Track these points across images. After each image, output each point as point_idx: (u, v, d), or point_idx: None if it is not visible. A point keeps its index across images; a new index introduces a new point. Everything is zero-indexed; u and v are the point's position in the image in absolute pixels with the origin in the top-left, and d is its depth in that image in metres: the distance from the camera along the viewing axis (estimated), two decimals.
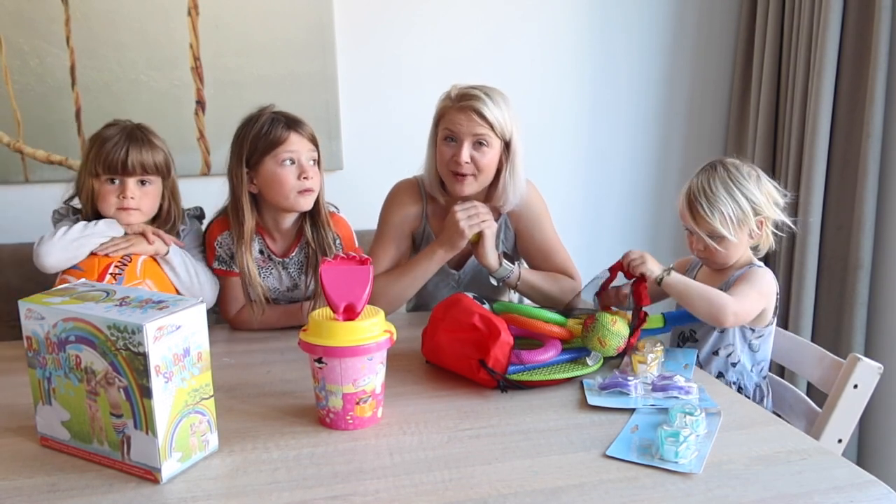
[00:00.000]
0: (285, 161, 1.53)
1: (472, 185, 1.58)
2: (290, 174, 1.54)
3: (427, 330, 1.37)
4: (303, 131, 1.56)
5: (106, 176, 1.50)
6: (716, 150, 2.61)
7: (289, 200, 1.56)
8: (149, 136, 1.54)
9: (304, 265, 1.66)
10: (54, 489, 0.94)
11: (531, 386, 1.25)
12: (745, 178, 1.40)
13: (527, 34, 2.39)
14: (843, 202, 2.15)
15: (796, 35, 2.24)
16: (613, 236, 2.60)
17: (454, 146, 1.55)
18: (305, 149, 1.55)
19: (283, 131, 1.53)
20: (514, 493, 0.92)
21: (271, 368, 1.38)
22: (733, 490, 0.93)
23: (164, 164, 1.55)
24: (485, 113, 1.52)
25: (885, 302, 2.11)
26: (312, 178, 1.55)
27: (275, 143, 1.53)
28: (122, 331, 0.93)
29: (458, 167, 1.55)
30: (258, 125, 1.55)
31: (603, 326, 1.29)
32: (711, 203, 1.38)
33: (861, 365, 1.29)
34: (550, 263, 1.70)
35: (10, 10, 2.03)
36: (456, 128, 1.54)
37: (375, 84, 2.31)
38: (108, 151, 1.48)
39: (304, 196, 1.56)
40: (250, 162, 1.55)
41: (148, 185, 1.54)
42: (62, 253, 1.46)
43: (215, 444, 1.04)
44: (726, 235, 1.38)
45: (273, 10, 2.17)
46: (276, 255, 1.66)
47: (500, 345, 1.22)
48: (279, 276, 1.67)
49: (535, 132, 2.41)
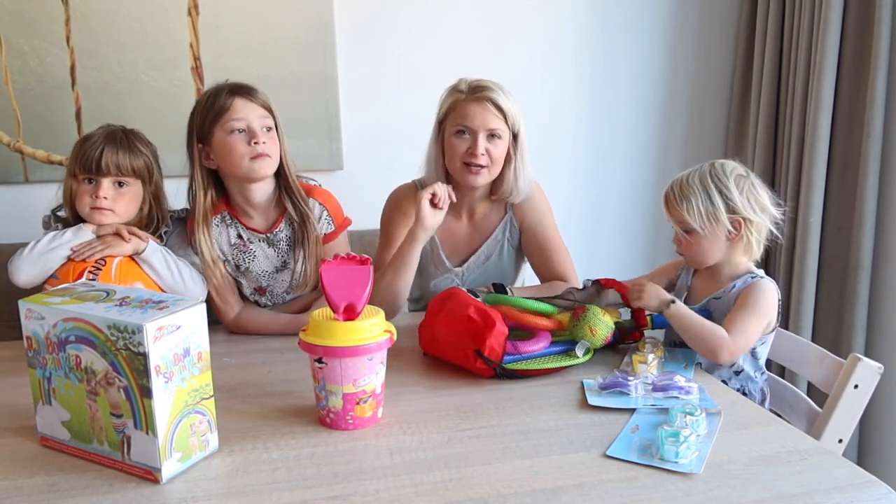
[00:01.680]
0: (234, 129, 1.50)
1: (485, 176, 1.60)
2: (240, 141, 1.50)
3: (424, 323, 1.39)
4: (251, 97, 1.52)
5: (83, 175, 1.50)
6: (716, 151, 2.61)
7: (242, 168, 1.51)
8: (132, 140, 1.53)
9: (291, 241, 1.62)
10: (54, 489, 0.94)
11: (525, 375, 1.28)
12: (725, 176, 1.38)
13: (527, 34, 2.39)
14: (843, 202, 2.15)
15: (797, 35, 2.24)
16: (613, 236, 2.60)
17: (468, 139, 1.57)
18: (255, 115, 1.51)
19: (227, 99, 1.50)
20: (514, 493, 0.92)
21: (271, 368, 1.38)
22: (733, 490, 0.93)
23: (143, 168, 1.53)
24: (500, 103, 1.54)
25: (886, 302, 2.11)
26: (266, 142, 1.51)
27: (220, 112, 1.50)
28: (123, 331, 0.93)
29: (475, 159, 1.56)
30: (205, 97, 1.54)
31: (594, 316, 1.33)
32: (684, 193, 1.38)
33: (861, 365, 1.29)
34: (550, 263, 1.71)
35: (11, 9, 2.03)
36: (470, 120, 1.56)
37: (376, 84, 2.31)
38: (85, 150, 1.49)
39: (257, 161, 1.50)
40: (202, 136, 1.53)
41: (125, 188, 1.52)
42: (31, 268, 1.46)
43: (215, 444, 1.04)
44: (695, 228, 1.37)
45: (273, 10, 2.17)
46: (260, 230, 1.62)
47: (495, 335, 1.25)
48: (265, 255, 1.62)
49: (535, 132, 2.39)
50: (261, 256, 1.63)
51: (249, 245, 1.62)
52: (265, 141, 1.51)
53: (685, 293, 1.49)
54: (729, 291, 1.40)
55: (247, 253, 1.62)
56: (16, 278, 1.47)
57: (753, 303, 1.35)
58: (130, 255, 1.49)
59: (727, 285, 1.41)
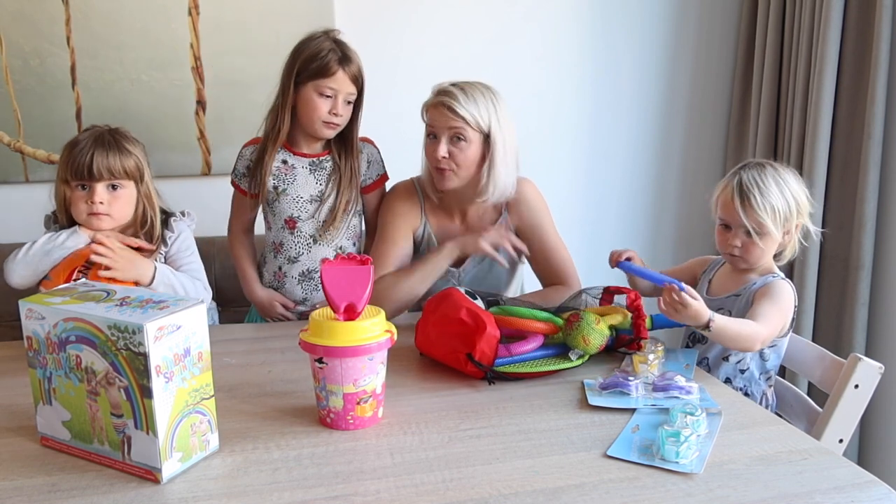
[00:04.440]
0: (324, 94, 1.63)
1: (452, 179, 1.61)
2: (324, 105, 1.63)
3: (420, 323, 1.39)
4: (350, 69, 1.64)
5: (75, 182, 1.48)
6: (717, 151, 2.61)
7: (313, 126, 1.66)
8: (120, 141, 1.50)
9: (331, 173, 1.72)
10: (55, 489, 0.94)
11: (517, 378, 1.28)
12: (792, 179, 1.40)
13: (528, 35, 2.39)
14: (843, 202, 2.15)
15: (797, 35, 2.24)
16: (614, 236, 2.60)
17: (435, 142, 1.59)
18: (346, 89, 1.64)
19: (335, 66, 1.62)
20: (514, 493, 0.92)
21: (272, 368, 1.38)
22: (734, 490, 0.93)
23: (134, 168, 1.50)
24: (456, 108, 1.55)
25: (886, 302, 2.11)
26: (341, 115, 1.65)
27: (321, 73, 1.62)
28: (123, 331, 0.93)
29: (438, 162, 1.58)
30: (315, 48, 1.63)
31: (588, 325, 1.31)
32: (764, 195, 1.36)
33: (862, 365, 1.29)
34: (550, 263, 1.70)
35: (11, 9, 2.03)
36: (433, 123, 1.59)
37: (376, 84, 2.30)
38: (74, 157, 1.46)
39: (327, 127, 1.66)
40: (298, 79, 1.64)
41: (120, 190, 1.49)
42: (24, 269, 1.46)
43: (216, 444, 1.04)
44: (772, 231, 1.37)
45: (273, 9, 2.17)
46: (306, 154, 1.72)
47: (486, 338, 1.25)
48: (305, 180, 1.72)
49: (536, 132, 2.41)
50: (300, 180, 1.72)
51: (292, 169, 1.72)
52: (342, 114, 1.65)
53: (705, 286, 1.49)
54: (749, 288, 1.41)
55: (287, 175, 1.72)
56: (10, 279, 1.47)
57: (776, 298, 1.36)
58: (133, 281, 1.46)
59: (748, 283, 1.42)
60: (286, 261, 1.75)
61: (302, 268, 1.75)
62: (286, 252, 1.75)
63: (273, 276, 1.78)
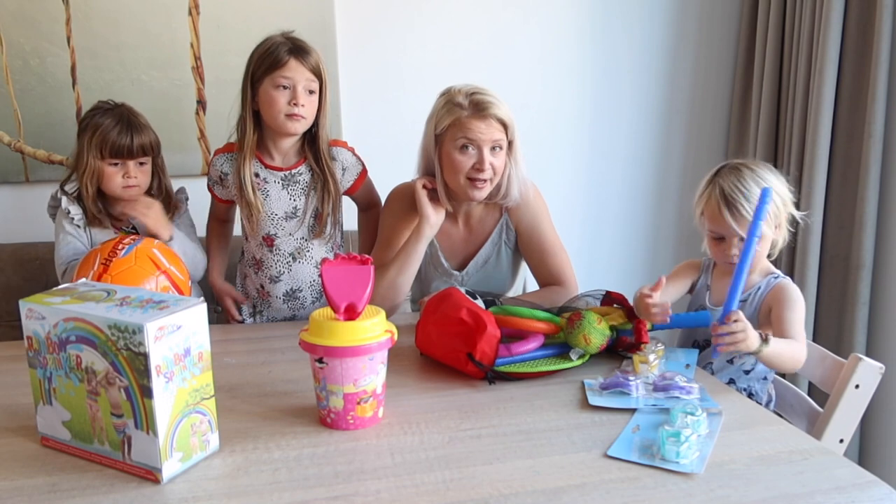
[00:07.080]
0: (280, 85, 1.59)
1: (488, 189, 1.60)
2: (282, 97, 1.59)
3: (420, 323, 1.39)
4: (305, 60, 1.61)
5: (111, 160, 1.64)
6: (717, 150, 2.61)
7: (277, 122, 1.61)
8: (140, 120, 1.68)
9: (307, 186, 1.69)
10: (55, 489, 0.94)
11: (517, 378, 1.28)
12: (770, 175, 1.39)
13: (529, 35, 2.39)
14: (844, 202, 2.15)
15: (797, 35, 2.24)
16: (614, 236, 2.60)
17: (473, 154, 1.55)
18: (303, 77, 1.60)
19: (285, 56, 1.59)
20: (515, 493, 0.92)
21: (272, 368, 1.38)
22: (735, 490, 0.93)
23: (156, 143, 1.71)
24: (503, 117, 1.54)
25: (887, 301, 2.11)
26: (304, 105, 1.60)
27: (274, 66, 1.59)
28: (123, 331, 0.93)
29: (482, 174, 1.56)
30: (266, 45, 1.62)
31: (589, 324, 1.31)
32: (750, 201, 1.35)
33: (862, 365, 1.29)
34: (547, 264, 1.70)
35: (11, 9, 2.03)
36: (476, 135, 1.54)
37: (377, 84, 2.31)
38: (113, 139, 1.63)
39: (291, 120, 1.61)
40: (254, 79, 1.63)
41: (144, 165, 1.69)
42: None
43: (216, 444, 1.04)
44: (766, 232, 1.36)
45: (273, 10, 2.17)
46: (278, 168, 1.69)
47: (486, 338, 1.25)
48: (278, 195, 1.69)
49: (536, 132, 2.41)
50: (273, 195, 1.69)
51: (265, 184, 1.69)
52: (304, 104, 1.60)
53: (706, 294, 1.48)
54: (755, 293, 1.40)
55: (259, 189, 1.69)
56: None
57: (794, 304, 1.35)
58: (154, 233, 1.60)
59: (752, 286, 1.41)
60: (268, 280, 1.73)
61: (285, 287, 1.73)
62: (266, 271, 1.73)
63: (257, 294, 1.77)
